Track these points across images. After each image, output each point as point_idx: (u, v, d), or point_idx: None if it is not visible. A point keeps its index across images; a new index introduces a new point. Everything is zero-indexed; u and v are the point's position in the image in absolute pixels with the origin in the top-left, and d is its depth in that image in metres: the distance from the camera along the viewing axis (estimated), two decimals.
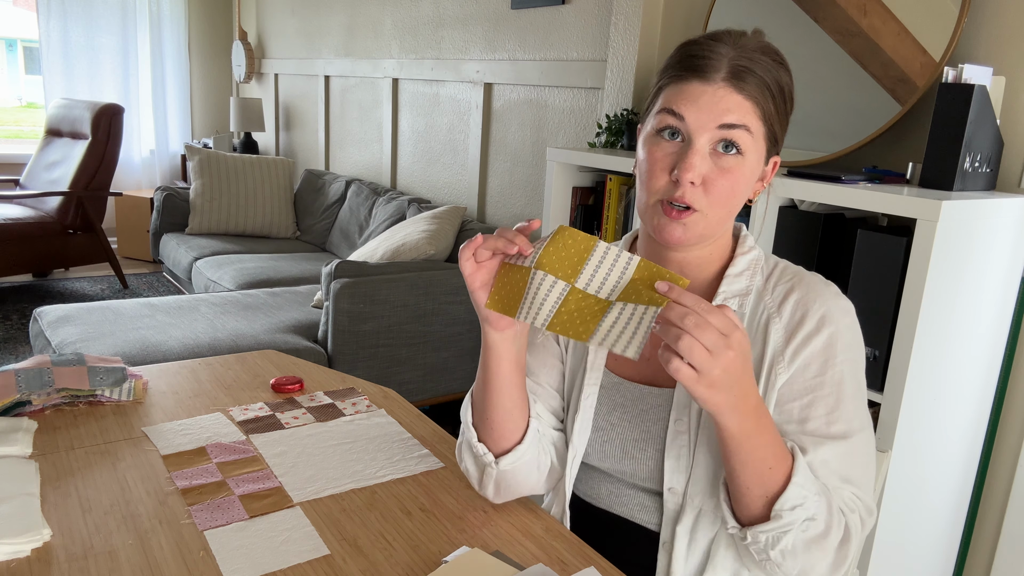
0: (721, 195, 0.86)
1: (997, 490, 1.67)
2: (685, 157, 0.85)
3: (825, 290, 0.91)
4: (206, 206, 4.19)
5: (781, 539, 0.80)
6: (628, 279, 0.78)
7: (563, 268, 0.80)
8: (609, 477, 0.99)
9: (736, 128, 0.84)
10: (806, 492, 0.80)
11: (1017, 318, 1.60)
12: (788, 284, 0.93)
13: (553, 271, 0.80)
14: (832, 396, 0.87)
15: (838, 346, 0.88)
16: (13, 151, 5.28)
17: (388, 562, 0.88)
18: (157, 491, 1.00)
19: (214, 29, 5.76)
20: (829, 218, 1.56)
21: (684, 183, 0.85)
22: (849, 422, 0.87)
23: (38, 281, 4.63)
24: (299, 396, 1.34)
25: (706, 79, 0.84)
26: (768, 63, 0.86)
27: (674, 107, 0.86)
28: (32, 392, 1.18)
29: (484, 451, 0.96)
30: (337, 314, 2.54)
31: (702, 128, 0.84)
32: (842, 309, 0.90)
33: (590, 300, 0.79)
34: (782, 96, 0.87)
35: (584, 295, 0.79)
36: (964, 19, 1.57)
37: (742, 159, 0.86)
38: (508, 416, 0.94)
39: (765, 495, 0.80)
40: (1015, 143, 1.57)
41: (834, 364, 0.88)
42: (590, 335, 0.77)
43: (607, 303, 0.78)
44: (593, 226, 2.27)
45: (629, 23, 2.34)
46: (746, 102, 0.84)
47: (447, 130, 3.55)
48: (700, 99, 0.84)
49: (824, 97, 1.81)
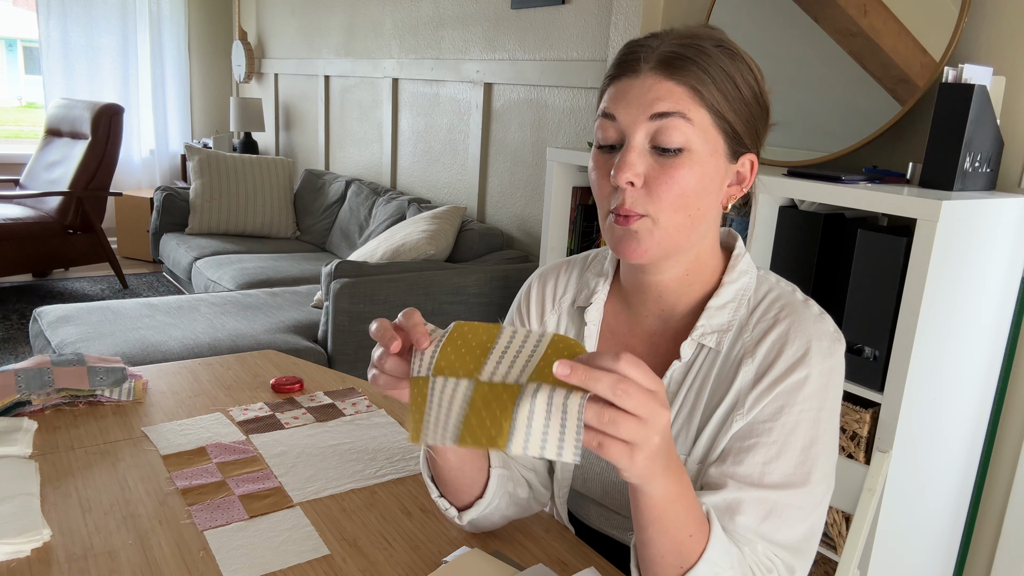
0: (668, 196, 0.77)
1: (997, 490, 1.67)
2: (620, 157, 0.78)
3: (811, 328, 0.82)
4: (206, 206, 4.19)
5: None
6: (540, 355, 0.64)
7: (464, 366, 0.66)
8: (596, 503, 0.97)
9: (670, 116, 0.76)
10: (720, 567, 0.71)
11: (1017, 318, 1.60)
12: (772, 319, 0.83)
13: (454, 372, 0.66)
14: (776, 445, 0.78)
15: (803, 392, 0.79)
16: (13, 151, 5.28)
17: (388, 562, 0.88)
18: (157, 491, 1.00)
19: (214, 29, 5.76)
20: (829, 218, 1.56)
21: (621, 183, 0.77)
22: (786, 475, 0.78)
23: (38, 281, 4.63)
24: (299, 396, 1.33)
25: (636, 71, 0.78)
26: (709, 48, 0.78)
27: (607, 108, 0.80)
28: (32, 392, 1.18)
29: (447, 506, 0.90)
30: (337, 314, 2.54)
31: (634, 123, 0.77)
32: (824, 351, 0.81)
33: (497, 390, 0.63)
34: (732, 84, 0.78)
35: (491, 386, 0.64)
36: (964, 19, 1.57)
37: (688, 155, 0.77)
38: (459, 474, 0.87)
39: (680, 566, 0.71)
40: (1015, 143, 1.57)
41: (790, 412, 0.79)
42: (507, 439, 0.60)
43: (516, 388, 0.62)
44: (593, 226, 2.27)
45: (629, 23, 2.34)
46: (678, 87, 0.77)
47: (447, 130, 3.55)
48: (629, 93, 0.78)
49: (824, 97, 1.81)
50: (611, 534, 0.97)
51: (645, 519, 0.69)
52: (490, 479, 0.89)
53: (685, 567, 0.71)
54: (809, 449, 0.79)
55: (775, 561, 0.78)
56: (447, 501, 0.91)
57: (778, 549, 0.78)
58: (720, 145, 0.80)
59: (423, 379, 0.68)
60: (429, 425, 0.66)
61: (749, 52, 0.84)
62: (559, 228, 2.25)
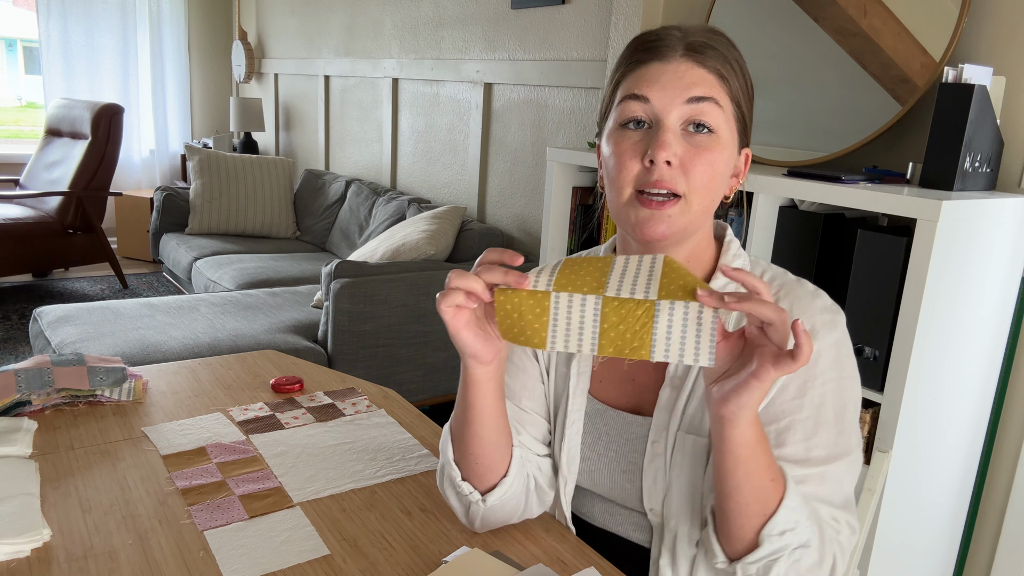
0: (702, 177, 0.80)
1: (997, 490, 1.67)
2: (656, 136, 0.79)
3: (811, 303, 0.86)
4: (206, 206, 4.19)
5: (772, 568, 0.75)
6: (659, 274, 0.70)
7: (586, 284, 0.71)
8: (602, 499, 0.97)
9: (705, 101, 0.80)
10: (798, 516, 0.75)
11: (1017, 318, 1.60)
12: (774, 295, 0.87)
13: (577, 289, 0.71)
14: (811, 420, 0.82)
15: (819, 367, 0.83)
16: (13, 151, 5.28)
17: (388, 562, 0.88)
18: (157, 491, 1.00)
19: (214, 29, 5.76)
20: (829, 218, 1.56)
21: (659, 163, 0.79)
22: (829, 447, 0.82)
23: (38, 281, 4.63)
24: (299, 396, 1.33)
25: (665, 58, 0.81)
26: (724, 42, 0.82)
27: (636, 91, 0.81)
28: (32, 392, 1.18)
29: (470, 490, 0.90)
30: (337, 314, 2.54)
31: (669, 105, 0.80)
32: (828, 324, 0.84)
33: (630, 305, 0.69)
34: (743, 76, 0.83)
35: (621, 302, 0.69)
36: (964, 19, 1.57)
37: (716, 137, 0.81)
38: (493, 448, 0.89)
39: (763, 513, 0.75)
40: (1015, 143, 1.57)
41: (814, 386, 0.83)
42: (650, 350, 0.68)
43: (650, 303, 0.69)
44: (593, 226, 2.26)
45: (629, 23, 2.34)
46: (710, 75, 0.80)
47: (447, 130, 3.55)
48: (662, 77, 0.80)
49: (824, 97, 1.81)
50: (616, 531, 0.97)
51: (733, 461, 0.73)
52: (512, 459, 0.91)
53: (767, 513, 0.75)
54: (842, 419, 0.83)
55: (839, 522, 0.82)
56: (471, 485, 0.91)
57: (837, 511, 0.82)
58: (735, 134, 0.84)
59: (543, 292, 0.72)
60: (558, 336, 0.72)
61: (749, 52, 0.87)
62: (559, 228, 2.25)
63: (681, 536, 0.87)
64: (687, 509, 0.87)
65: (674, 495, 0.88)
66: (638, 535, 0.95)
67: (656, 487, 0.89)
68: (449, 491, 0.93)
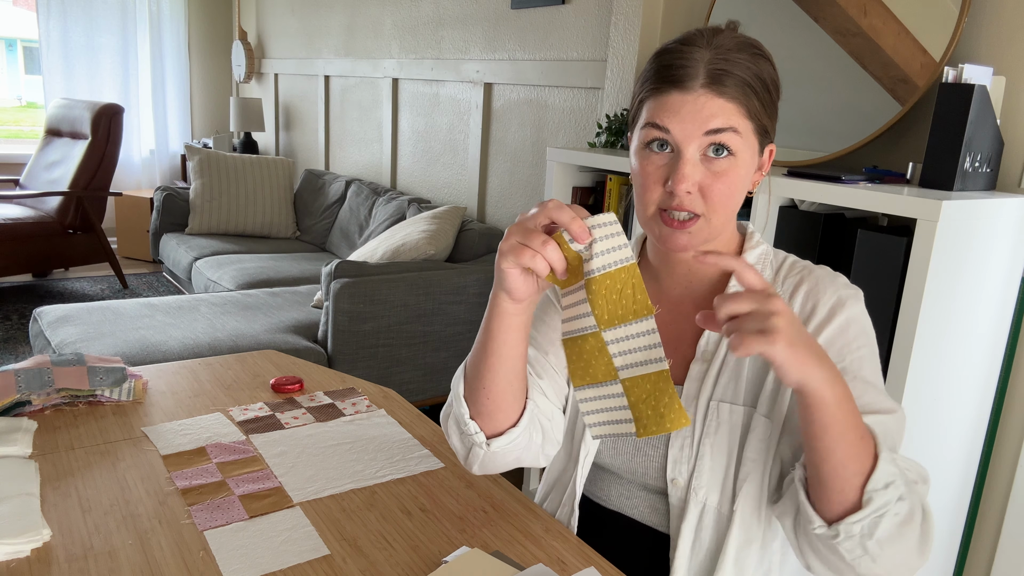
0: (720, 199, 0.86)
1: (997, 490, 1.67)
2: (676, 168, 0.84)
3: (834, 280, 0.91)
4: (206, 206, 4.19)
5: (879, 524, 0.73)
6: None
7: (599, 372, 0.83)
8: (619, 479, 0.99)
9: (723, 132, 0.84)
10: (895, 468, 0.75)
11: (1017, 318, 1.60)
12: (797, 277, 0.92)
13: (596, 379, 0.83)
14: (857, 381, 0.85)
15: (852, 332, 0.87)
16: (13, 151, 5.28)
17: (388, 562, 0.88)
18: (157, 491, 1.00)
19: (214, 29, 5.76)
20: (829, 218, 1.56)
21: (680, 194, 0.84)
22: (880, 404, 0.84)
23: (38, 281, 4.63)
24: (299, 396, 1.33)
25: (685, 88, 0.84)
26: (746, 59, 0.85)
27: (657, 120, 0.85)
28: (32, 392, 1.18)
29: (476, 430, 0.91)
30: (337, 314, 2.54)
31: (689, 138, 0.84)
32: (853, 296, 0.90)
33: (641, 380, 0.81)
34: (765, 88, 0.86)
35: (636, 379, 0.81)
36: (964, 19, 1.57)
37: (734, 160, 0.85)
38: (508, 388, 0.90)
39: (862, 472, 0.74)
40: (1015, 143, 1.57)
41: (852, 350, 0.86)
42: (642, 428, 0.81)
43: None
44: None
45: (629, 23, 2.34)
46: (729, 104, 0.84)
47: (447, 130, 3.55)
48: (682, 110, 0.84)
49: (824, 97, 1.81)
50: (631, 514, 0.98)
51: (820, 425, 0.73)
52: (526, 408, 0.93)
53: (865, 472, 0.74)
54: (877, 381, 0.87)
55: (911, 472, 0.81)
56: (477, 425, 0.91)
57: (908, 462, 0.82)
58: (755, 144, 0.88)
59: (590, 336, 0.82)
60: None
61: None
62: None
63: (710, 509, 0.89)
64: (719, 479, 0.89)
65: (706, 465, 0.90)
66: (654, 518, 0.96)
67: (683, 455, 0.91)
68: (453, 430, 0.95)
